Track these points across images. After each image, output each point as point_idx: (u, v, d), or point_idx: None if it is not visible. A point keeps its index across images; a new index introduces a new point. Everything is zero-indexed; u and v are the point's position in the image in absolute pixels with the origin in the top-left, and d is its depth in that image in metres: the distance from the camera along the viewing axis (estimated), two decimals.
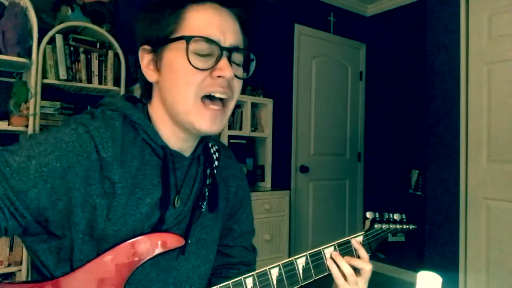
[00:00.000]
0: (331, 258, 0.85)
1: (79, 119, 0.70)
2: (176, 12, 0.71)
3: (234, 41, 0.72)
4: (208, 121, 0.71)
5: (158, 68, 0.73)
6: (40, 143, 0.66)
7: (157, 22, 0.72)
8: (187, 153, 0.79)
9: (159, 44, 0.72)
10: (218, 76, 0.70)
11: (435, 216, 2.97)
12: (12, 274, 2.19)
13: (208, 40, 0.69)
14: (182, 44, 0.69)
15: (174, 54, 0.71)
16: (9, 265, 2.14)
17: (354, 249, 0.87)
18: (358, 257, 0.87)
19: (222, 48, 0.70)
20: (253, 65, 0.77)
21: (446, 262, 2.88)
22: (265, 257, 3.00)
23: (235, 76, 0.72)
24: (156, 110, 0.76)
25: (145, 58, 0.75)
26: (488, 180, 2.70)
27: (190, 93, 0.70)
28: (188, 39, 0.69)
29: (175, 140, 0.76)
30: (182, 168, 0.78)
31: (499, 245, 2.64)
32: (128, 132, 0.72)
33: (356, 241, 0.88)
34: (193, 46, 0.69)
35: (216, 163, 0.83)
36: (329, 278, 0.86)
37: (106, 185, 0.68)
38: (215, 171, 0.83)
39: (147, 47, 0.74)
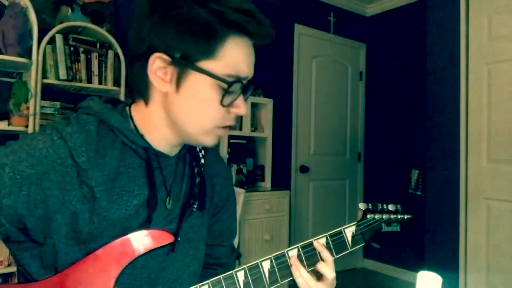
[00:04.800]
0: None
1: (54, 125, 0.70)
2: (217, 38, 0.67)
3: (252, 75, 0.73)
4: (215, 140, 0.75)
5: (176, 84, 0.69)
6: (14, 150, 0.66)
7: (191, 37, 0.66)
8: (172, 153, 0.79)
9: (187, 63, 0.67)
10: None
11: (435, 216, 2.97)
12: (12, 274, 2.19)
13: (238, 80, 0.69)
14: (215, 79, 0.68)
15: (202, 81, 0.68)
16: (9, 265, 2.14)
17: (318, 252, 0.84)
18: (322, 259, 0.84)
19: (244, 88, 0.71)
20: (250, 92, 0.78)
21: (446, 262, 2.88)
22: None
23: None
24: (150, 114, 0.74)
25: (157, 64, 0.68)
26: (488, 180, 2.70)
27: (209, 124, 0.71)
28: (228, 83, 0.68)
29: (164, 144, 0.76)
30: (169, 168, 0.78)
31: (499, 245, 2.64)
32: (106, 135, 0.72)
33: (319, 242, 0.85)
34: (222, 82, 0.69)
35: (202, 160, 0.84)
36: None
37: (84, 190, 0.67)
38: (202, 169, 0.83)
39: (166, 57, 0.68)
